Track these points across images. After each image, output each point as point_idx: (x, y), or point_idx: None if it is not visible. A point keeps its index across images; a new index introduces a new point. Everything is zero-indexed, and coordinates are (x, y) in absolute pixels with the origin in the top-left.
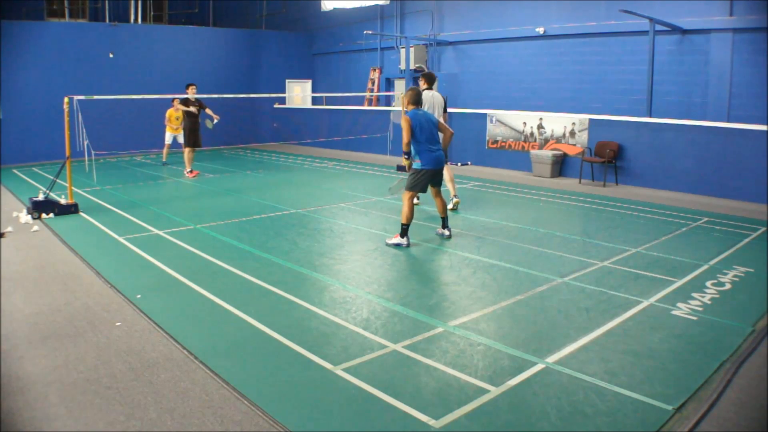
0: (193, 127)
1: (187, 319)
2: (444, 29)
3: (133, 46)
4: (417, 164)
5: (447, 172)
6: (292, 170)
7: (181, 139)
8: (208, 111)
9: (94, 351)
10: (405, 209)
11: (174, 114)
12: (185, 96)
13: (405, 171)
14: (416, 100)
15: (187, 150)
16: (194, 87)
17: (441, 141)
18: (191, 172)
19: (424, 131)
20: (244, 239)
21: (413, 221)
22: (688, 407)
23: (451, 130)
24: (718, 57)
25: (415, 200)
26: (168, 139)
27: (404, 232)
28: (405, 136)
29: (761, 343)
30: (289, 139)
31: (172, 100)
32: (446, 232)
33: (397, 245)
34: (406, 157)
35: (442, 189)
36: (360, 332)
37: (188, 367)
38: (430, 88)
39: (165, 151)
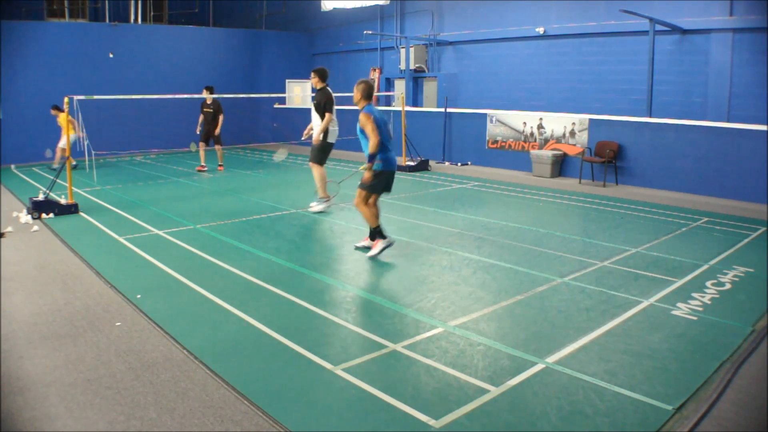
0: (208, 126)
1: (187, 319)
2: (444, 29)
3: (133, 46)
4: (378, 165)
5: (317, 172)
6: (292, 170)
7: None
8: (220, 119)
9: (94, 351)
10: (366, 214)
11: (65, 118)
12: (202, 97)
13: (405, 171)
14: (370, 93)
15: (202, 145)
16: (207, 90)
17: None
18: (203, 167)
19: (382, 129)
20: (244, 239)
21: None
22: (688, 407)
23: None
24: (718, 57)
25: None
26: (64, 143)
27: (380, 234)
28: (373, 136)
29: (761, 343)
30: (289, 139)
31: (52, 108)
32: (365, 243)
33: (382, 250)
34: (371, 161)
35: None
36: (360, 332)
37: (188, 367)
38: (324, 85)
39: (61, 154)
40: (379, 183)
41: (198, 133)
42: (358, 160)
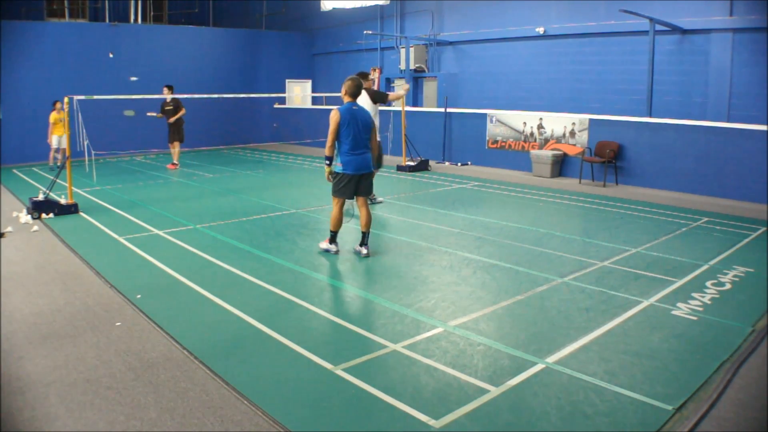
0: (175, 124)
1: (187, 319)
2: (444, 29)
3: (133, 46)
4: (338, 167)
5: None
6: (292, 170)
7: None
8: (181, 112)
9: (94, 351)
10: (333, 214)
11: (57, 117)
12: (163, 97)
13: (405, 171)
14: (354, 92)
15: (175, 144)
16: (167, 89)
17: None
18: (174, 164)
19: (350, 130)
20: (244, 239)
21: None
22: (688, 407)
23: (378, 140)
24: (718, 57)
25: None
26: (55, 143)
27: (332, 239)
28: (329, 138)
29: (761, 343)
30: (289, 139)
31: (54, 102)
32: (363, 251)
33: (326, 251)
34: (327, 163)
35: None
36: (360, 332)
37: (188, 367)
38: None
39: (51, 155)
40: (341, 186)
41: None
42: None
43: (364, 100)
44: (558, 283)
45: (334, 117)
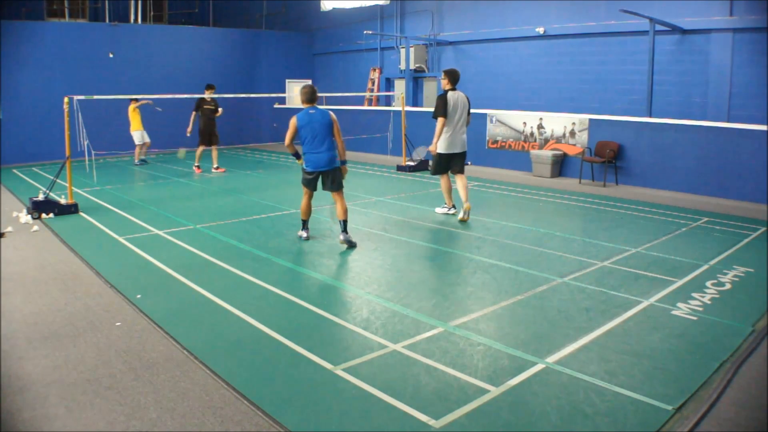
0: (207, 125)
1: (187, 319)
2: (444, 29)
3: (133, 46)
4: (304, 165)
5: (460, 180)
6: (292, 170)
7: (146, 138)
8: (219, 111)
9: (94, 351)
10: (301, 205)
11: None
12: (201, 96)
13: (405, 171)
14: (308, 98)
15: (201, 148)
16: (213, 88)
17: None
18: (198, 168)
19: (307, 132)
20: (244, 239)
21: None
22: (688, 407)
23: (342, 140)
24: (718, 57)
25: (450, 211)
26: (137, 138)
27: (303, 225)
28: (285, 138)
29: (761, 343)
30: None
31: (131, 100)
32: (340, 238)
33: (300, 238)
34: (295, 158)
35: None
36: (360, 332)
37: (188, 367)
38: (454, 88)
39: (137, 151)
40: (305, 180)
41: (189, 134)
42: (355, 160)
43: (462, 103)
44: (558, 283)
45: (291, 122)
